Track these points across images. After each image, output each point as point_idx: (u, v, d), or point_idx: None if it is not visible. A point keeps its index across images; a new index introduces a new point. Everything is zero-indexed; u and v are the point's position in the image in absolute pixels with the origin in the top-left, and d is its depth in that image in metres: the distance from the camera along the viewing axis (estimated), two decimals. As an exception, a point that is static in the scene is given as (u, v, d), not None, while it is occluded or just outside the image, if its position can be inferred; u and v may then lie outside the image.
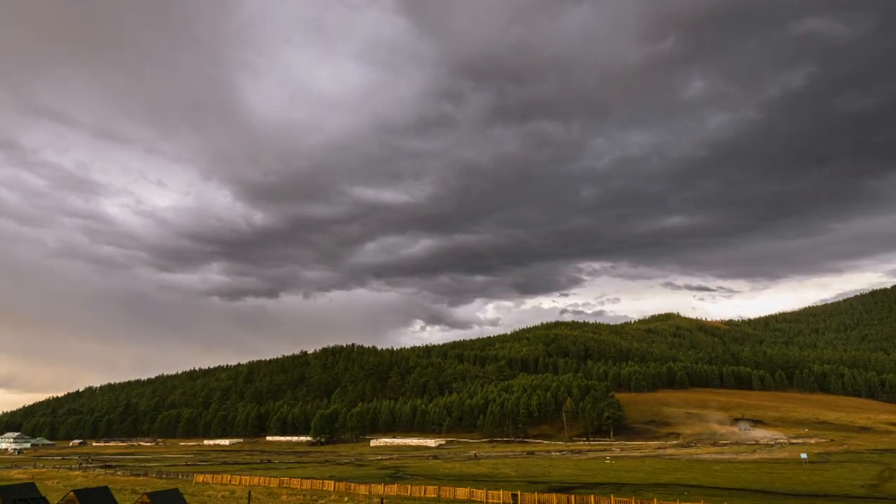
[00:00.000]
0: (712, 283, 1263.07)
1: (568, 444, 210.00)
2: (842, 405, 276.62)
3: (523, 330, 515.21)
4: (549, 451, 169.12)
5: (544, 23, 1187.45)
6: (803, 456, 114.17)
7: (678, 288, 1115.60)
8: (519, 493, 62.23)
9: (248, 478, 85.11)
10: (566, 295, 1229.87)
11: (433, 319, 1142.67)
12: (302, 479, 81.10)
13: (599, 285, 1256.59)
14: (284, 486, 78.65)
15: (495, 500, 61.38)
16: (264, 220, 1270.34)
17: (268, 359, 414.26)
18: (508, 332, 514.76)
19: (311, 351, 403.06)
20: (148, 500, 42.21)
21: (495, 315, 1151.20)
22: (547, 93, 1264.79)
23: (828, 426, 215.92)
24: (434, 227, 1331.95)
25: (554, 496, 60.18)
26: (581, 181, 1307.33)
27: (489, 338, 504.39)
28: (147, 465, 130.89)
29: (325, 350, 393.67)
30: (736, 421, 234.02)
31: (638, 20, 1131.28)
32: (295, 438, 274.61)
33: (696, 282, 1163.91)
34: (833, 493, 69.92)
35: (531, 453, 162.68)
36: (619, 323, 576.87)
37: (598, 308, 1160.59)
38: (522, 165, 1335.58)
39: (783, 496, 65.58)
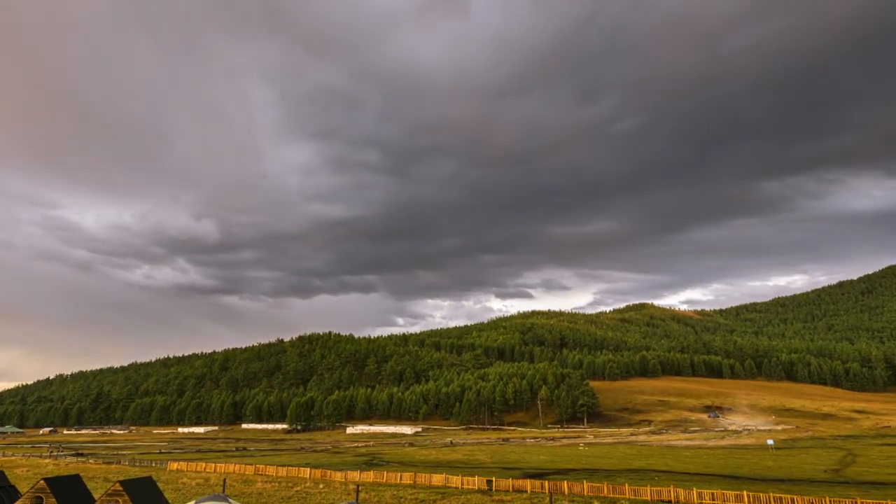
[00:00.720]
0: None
1: (543, 431, 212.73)
2: (808, 393, 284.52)
3: (500, 319, 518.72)
4: (523, 439, 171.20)
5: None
6: (770, 442, 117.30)
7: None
8: (494, 479, 63.02)
9: (223, 465, 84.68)
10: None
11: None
12: (277, 466, 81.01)
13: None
14: (260, 473, 78.48)
15: (470, 487, 62.08)
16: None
17: (243, 346, 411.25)
18: (486, 321, 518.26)
19: (287, 339, 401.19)
20: (121, 488, 41.80)
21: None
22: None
23: (794, 413, 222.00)
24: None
25: (528, 482, 61.09)
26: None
27: (466, 326, 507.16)
28: (120, 453, 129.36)
29: (301, 338, 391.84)
30: (706, 408, 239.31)
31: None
32: (271, 426, 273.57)
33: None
34: (798, 477, 72.15)
35: (506, 440, 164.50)
36: (594, 312, 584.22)
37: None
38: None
39: (750, 481, 67.49)
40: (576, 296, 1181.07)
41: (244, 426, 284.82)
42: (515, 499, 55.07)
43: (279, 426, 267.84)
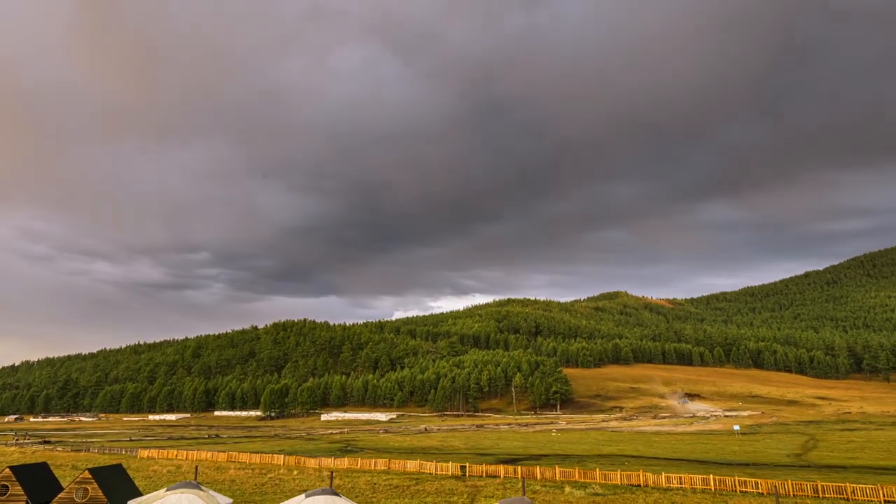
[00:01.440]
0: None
1: (517, 417, 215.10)
2: (773, 380, 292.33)
3: (476, 307, 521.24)
4: (497, 425, 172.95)
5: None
6: (736, 427, 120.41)
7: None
8: (468, 464, 63.61)
9: (195, 452, 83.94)
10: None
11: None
12: (251, 453, 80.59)
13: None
14: (232, 460, 78.01)
15: (444, 472, 62.60)
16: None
17: (216, 333, 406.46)
18: (461, 309, 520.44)
19: (261, 326, 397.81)
20: (89, 476, 41.15)
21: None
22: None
23: (760, 399, 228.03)
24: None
25: (501, 467, 61.83)
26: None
27: (442, 314, 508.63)
28: (88, 440, 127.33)
29: (276, 325, 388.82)
30: (676, 395, 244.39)
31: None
32: (244, 413, 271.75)
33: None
34: (762, 461, 74.29)
35: (480, 426, 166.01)
36: (569, 301, 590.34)
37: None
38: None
39: (716, 465, 69.27)
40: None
41: (217, 413, 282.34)
42: (489, 484, 55.70)
43: (253, 413, 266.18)
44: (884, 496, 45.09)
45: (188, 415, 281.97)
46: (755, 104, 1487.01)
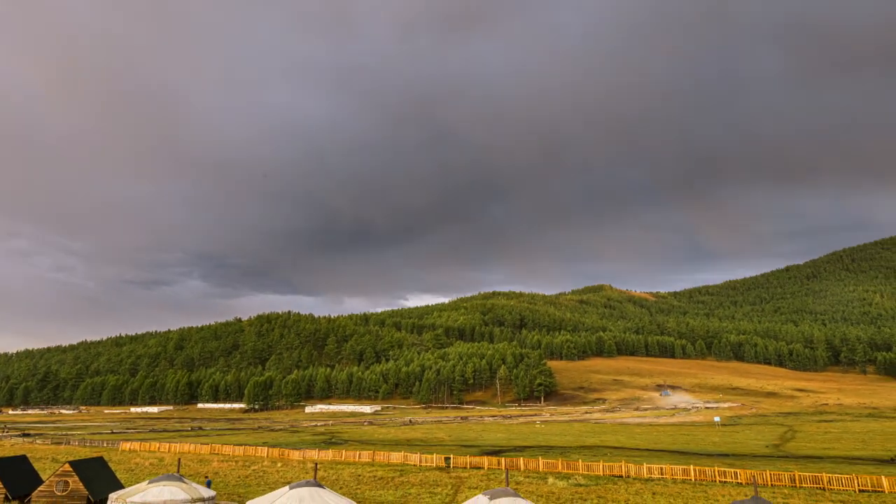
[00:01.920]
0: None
1: (501, 409, 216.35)
2: (753, 372, 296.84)
3: (461, 299, 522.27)
4: (482, 417, 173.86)
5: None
6: (716, 419, 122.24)
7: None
8: (452, 456, 63.95)
9: (177, 445, 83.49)
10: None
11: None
12: (234, 445, 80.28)
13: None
14: (216, 452, 77.68)
15: (429, 464, 62.86)
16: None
17: (199, 325, 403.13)
18: (447, 302, 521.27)
19: (245, 318, 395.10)
20: (70, 469, 40.76)
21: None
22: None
23: (740, 391, 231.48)
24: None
25: (485, 459, 62.24)
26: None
27: (427, 307, 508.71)
28: (69, 433, 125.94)
29: (260, 317, 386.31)
30: (658, 387, 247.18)
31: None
32: (228, 406, 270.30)
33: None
34: (741, 452, 75.53)
35: (465, 418, 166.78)
36: (554, 294, 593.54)
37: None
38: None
39: (697, 456, 70.30)
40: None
41: (200, 406, 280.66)
42: (473, 475, 56.06)
43: (236, 405, 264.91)
44: (858, 485, 46.10)
45: (171, 407, 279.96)
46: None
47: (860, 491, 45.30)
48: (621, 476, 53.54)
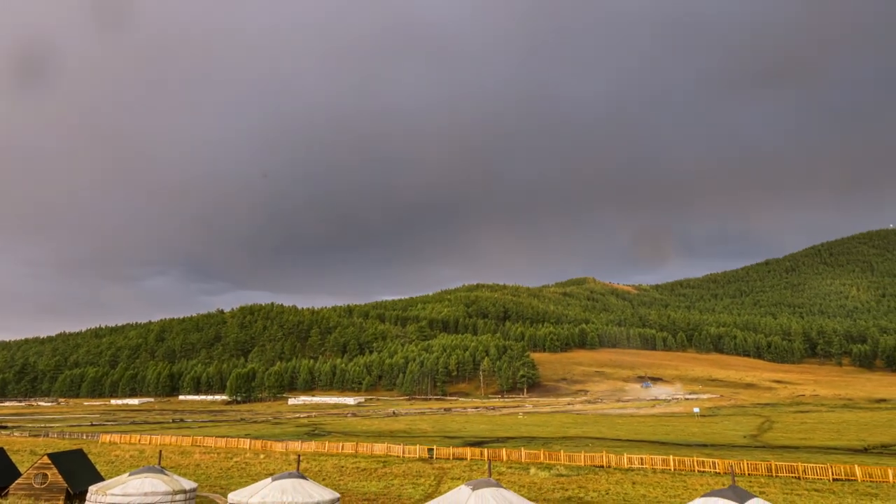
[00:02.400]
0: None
1: (484, 401, 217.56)
2: (732, 364, 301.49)
3: (445, 292, 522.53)
4: (465, 408, 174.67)
5: None
6: (696, 410, 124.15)
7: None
8: (435, 447, 64.23)
9: (158, 437, 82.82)
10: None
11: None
12: (216, 437, 79.85)
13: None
14: (197, 444, 77.19)
15: (412, 455, 63.09)
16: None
17: (181, 317, 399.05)
18: (431, 294, 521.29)
19: (227, 309, 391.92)
20: (49, 462, 40.23)
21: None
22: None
23: (719, 383, 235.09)
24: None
25: (468, 450, 62.60)
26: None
27: (411, 298, 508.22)
28: (48, 425, 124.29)
29: (242, 309, 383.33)
30: (639, 379, 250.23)
31: None
32: (210, 397, 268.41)
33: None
34: (720, 442, 76.81)
35: (448, 410, 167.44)
36: (537, 286, 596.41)
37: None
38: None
39: (676, 446, 71.35)
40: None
41: (182, 398, 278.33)
42: (455, 466, 56.40)
43: (218, 397, 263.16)
44: (832, 475, 47.16)
45: (152, 399, 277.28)
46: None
47: (834, 480, 46.36)
48: (602, 466, 54.21)
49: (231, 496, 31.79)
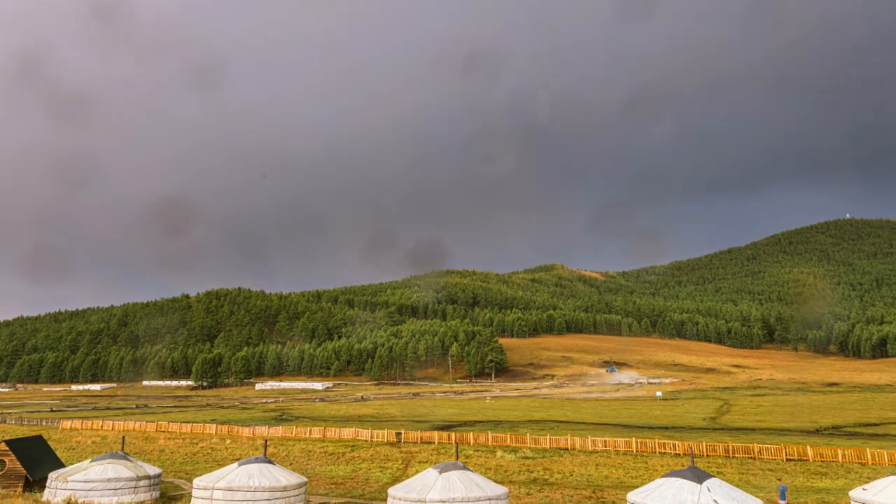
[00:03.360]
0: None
1: (452, 385, 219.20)
2: (694, 349, 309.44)
3: (414, 277, 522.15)
4: (433, 393, 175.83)
5: None
6: (658, 394, 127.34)
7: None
8: (403, 431, 64.69)
9: (121, 423, 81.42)
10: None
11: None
12: (181, 423, 78.91)
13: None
14: (162, 430, 76.15)
15: (380, 440, 63.42)
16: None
17: (144, 301, 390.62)
18: (400, 280, 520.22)
19: (193, 294, 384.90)
20: (6, 448, 39.30)
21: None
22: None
23: (681, 368, 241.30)
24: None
25: (436, 434, 63.23)
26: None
27: (380, 284, 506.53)
28: (5, 411, 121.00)
29: (208, 293, 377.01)
30: (605, 363, 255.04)
31: None
32: (174, 383, 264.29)
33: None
34: (681, 425, 79.10)
35: (416, 395, 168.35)
36: (507, 272, 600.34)
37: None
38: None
39: (639, 429, 73.26)
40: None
41: (145, 383, 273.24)
42: (423, 450, 56.93)
43: (184, 383, 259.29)
44: (786, 455, 49.14)
45: (114, 385, 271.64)
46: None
47: (787, 460, 48.32)
48: (567, 449, 55.39)
49: (197, 481, 31.61)
